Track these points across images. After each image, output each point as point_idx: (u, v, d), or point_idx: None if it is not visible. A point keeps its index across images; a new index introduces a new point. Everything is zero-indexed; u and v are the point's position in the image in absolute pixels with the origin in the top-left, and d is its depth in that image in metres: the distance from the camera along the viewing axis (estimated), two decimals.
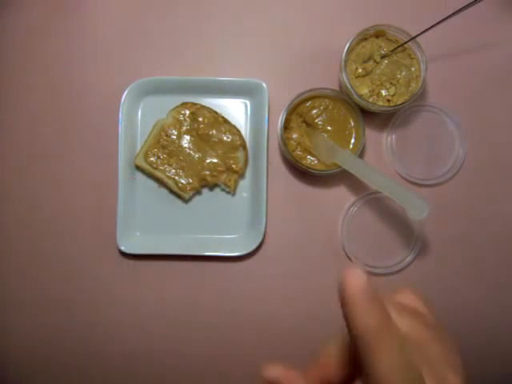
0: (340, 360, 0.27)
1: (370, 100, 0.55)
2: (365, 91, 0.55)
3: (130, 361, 0.57)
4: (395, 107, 0.54)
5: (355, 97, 0.53)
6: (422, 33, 0.51)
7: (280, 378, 0.26)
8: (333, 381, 0.27)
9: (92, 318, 0.58)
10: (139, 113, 0.59)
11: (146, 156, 0.57)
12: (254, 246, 0.56)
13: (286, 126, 0.56)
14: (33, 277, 0.58)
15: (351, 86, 0.53)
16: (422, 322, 0.28)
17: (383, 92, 0.55)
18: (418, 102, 0.57)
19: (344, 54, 0.53)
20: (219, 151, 0.57)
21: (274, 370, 0.27)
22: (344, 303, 0.23)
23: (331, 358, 0.27)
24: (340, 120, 0.56)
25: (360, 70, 0.55)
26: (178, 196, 0.57)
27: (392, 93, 0.55)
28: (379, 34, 0.55)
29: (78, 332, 0.58)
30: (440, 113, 0.59)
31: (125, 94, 0.57)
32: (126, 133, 0.57)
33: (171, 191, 0.57)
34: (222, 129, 0.57)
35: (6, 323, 0.58)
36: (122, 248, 0.56)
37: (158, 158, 0.57)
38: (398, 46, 0.54)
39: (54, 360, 0.58)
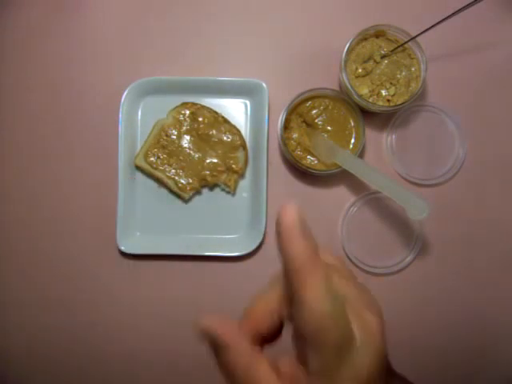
0: (267, 310, 0.28)
1: (370, 100, 0.55)
2: (365, 91, 0.55)
3: (129, 361, 0.57)
4: (395, 107, 0.54)
5: (355, 97, 0.53)
6: (422, 33, 0.51)
7: (215, 328, 0.27)
8: (262, 331, 0.28)
9: (92, 318, 0.58)
10: (139, 113, 0.59)
11: (145, 156, 0.57)
12: (254, 246, 0.56)
13: (286, 126, 0.56)
14: (33, 277, 0.58)
15: (351, 86, 0.53)
16: (342, 275, 0.29)
17: (383, 92, 0.55)
18: (417, 101, 0.57)
19: (344, 54, 0.53)
20: (219, 151, 0.57)
21: (209, 320, 0.27)
22: (279, 234, 0.25)
23: (259, 309, 0.28)
24: (340, 120, 0.56)
25: (360, 70, 0.55)
26: (178, 196, 0.57)
27: (392, 93, 0.55)
28: (379, 33, 0.55)
29: (78, 332, 0.58)
30: (440, 113, 0.59)
31: (125, 94, 0.57)
32: (126, 133, 0.57)
33: (171, 191, 0.57)
34: (222, 129, 0.57)
35: (6, 323, 0.58)
36: (122, 248, 0.56)
37: (158, 158, 0.57)
38: (398, 46, 0.54)
39: (54, 360, 0.58)
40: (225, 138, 0.57)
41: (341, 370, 0.24)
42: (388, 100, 0.55)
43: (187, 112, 0.57)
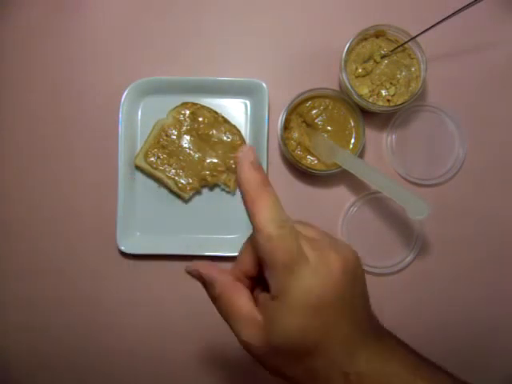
0: (247, 251, 0.33)
1: (370, 100, 0.55)
2: (365, 91, 0.55)
3: (129, 360, 0.57)
4: (395, 107, 0.54)
5: (355, 97, 0.53)
6: (422, 33, 0.51)
7: (201, 269, 0.33)
8: (247, 270, 0.32)
9: (92, 318, 0.58)
10: (139, 113, 0.59)
11: (145, 156, 0.57)
12: None
13: (286, 126, 0.56)
14: (33, 277, 0.58)
15: (351, 86, 0.53)
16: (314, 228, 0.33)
17: (383, 92, 0.55)
18: (418, 101, 0.57)
19: (344, 54, 0.53)
20: (219, 151, 0.57)
21: (197, 264, 0.33)
22: (237, 166, 0.30)
23: (245, 254, 0.33)
24: (340, 120, 0.56)
25: (360, 70, 0.55)
26: (178, 196, 0.57)
27: (392, 93, 0.55)
28: (379, 33, 0.55)
29: (78, 332, 0.58)
30: (440, 113, 0.59)
31: (125, 94, 0.57)
32: (126, 133, 0.57)
33: (171, 191, 0.57)
34: (222, 129, 0.57)
35: (6, 323, 0.58)
36: (122, 248, 0.56)
37: (158, 158, 0.57)
38: (398, 46, 0.54)
39: (54, 360, 0.58)
40: (225, 138, 0.57)
41: (292, 291, 0.27)
42: (388, 100, 0.55)
43: (187, 112, 0.57)
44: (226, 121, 0.57)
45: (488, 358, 0.57)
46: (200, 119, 0.57)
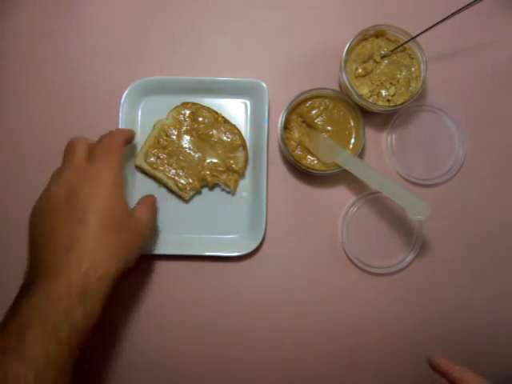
0: None
1: (370, 100, 0.55)
2: (365, 91, 0.55)
3: (129, 360, 0.57)
4: (395, 107, 0.54)
5: (355, 97, 0.53)
6: (422, 33, 0.52)
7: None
8: None
9: None
10: (139, 113, 0.59)
11: (145, 156, 0.57)
12: (254, 246, 0.56)
13: (286, 126, 0.56)
14: None
15: (351, 86, 0.53)
16: None
17: (383, 92, 0.55)
18: (417, 101, 0.57)
19: (344, 54, 0.53)
20: (219, 151, 0.57)
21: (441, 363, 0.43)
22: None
23: None
24: (340, 120, 0.56)
25: (360, 70, 0.55)
26: (178, 196, 0.57)
27: (392, 93, 0.55)
28: (379, 33, 0.55)
29: None
30: (440, 113, 0.59)
31: (125, 94, 0.57)
32: None
33: (171, 191, 0.57)
34: (222, 129, 0.57)
35: None
36: None
37: (158, 158, 0.57)
38: (398, 46, 0.54)
39: None
40: (225, 138, 0.57)
41: None
42: (388, 100, 0.55)
43: (187, 112, 0.57)
44: (226, 121, 0.57)
45: (488, 358, 0.57)
46: (200, 119, 0.57)
